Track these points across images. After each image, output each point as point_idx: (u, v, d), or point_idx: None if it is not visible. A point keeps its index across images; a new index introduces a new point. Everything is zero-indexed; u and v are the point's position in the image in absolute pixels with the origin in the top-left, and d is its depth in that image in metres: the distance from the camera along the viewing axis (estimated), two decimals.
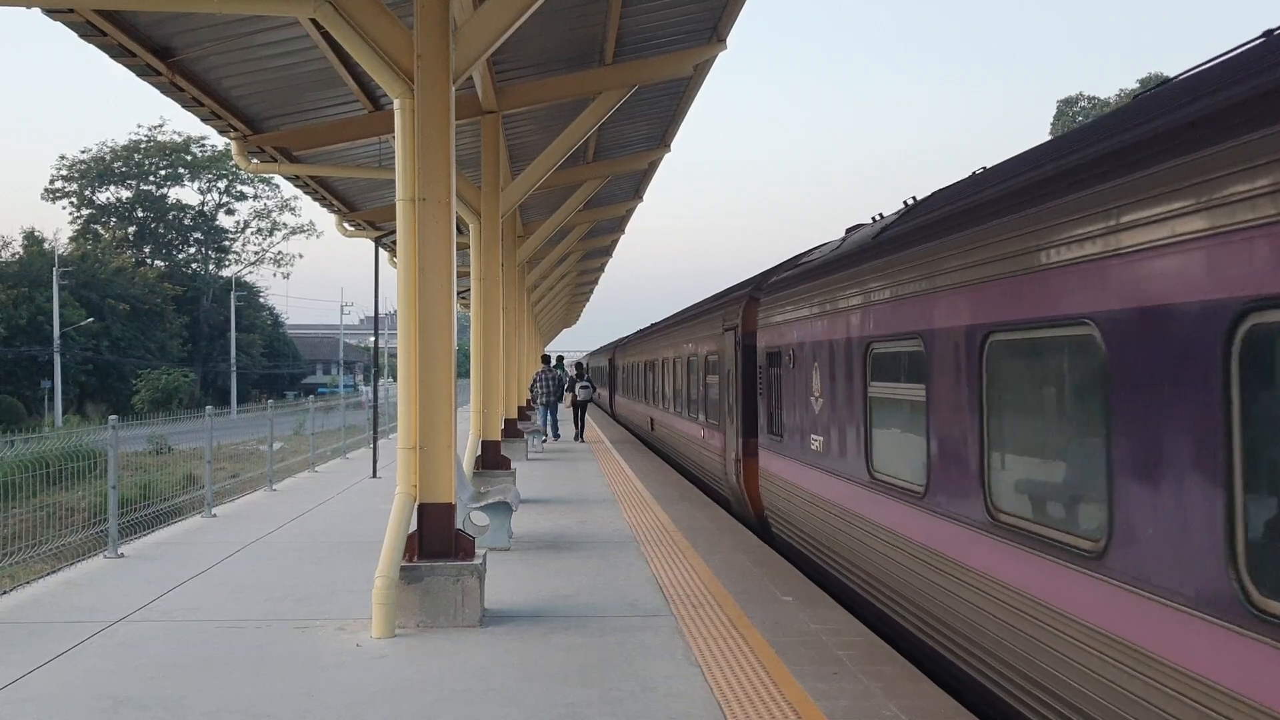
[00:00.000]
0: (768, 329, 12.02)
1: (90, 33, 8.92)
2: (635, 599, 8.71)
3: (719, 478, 15.27)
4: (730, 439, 13.99)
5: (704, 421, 16.59)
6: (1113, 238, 4.67)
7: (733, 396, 13.71)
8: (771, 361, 11.78)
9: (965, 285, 6.34)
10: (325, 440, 23.25)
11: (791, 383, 10.72)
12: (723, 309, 15.12)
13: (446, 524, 8.01)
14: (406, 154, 8.00)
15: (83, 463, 12.19)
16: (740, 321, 13.30)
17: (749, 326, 13.04)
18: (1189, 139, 4.18)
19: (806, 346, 10.14)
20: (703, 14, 13.71)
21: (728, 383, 14.22)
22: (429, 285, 7.98)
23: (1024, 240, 5.56)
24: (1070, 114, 69.36)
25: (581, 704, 6.05)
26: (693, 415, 18.14)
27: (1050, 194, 5.30)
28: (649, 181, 25.47)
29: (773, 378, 11.80)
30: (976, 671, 6.15)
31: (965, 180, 7.51)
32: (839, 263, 9.30)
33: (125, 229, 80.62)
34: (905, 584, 7.35)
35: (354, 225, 20.47)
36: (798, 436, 10.46)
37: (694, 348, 17.98)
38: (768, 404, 11.98)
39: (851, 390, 8.70)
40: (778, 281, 12.02)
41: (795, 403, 10.57)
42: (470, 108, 13.56)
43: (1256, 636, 3.68)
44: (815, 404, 9.75)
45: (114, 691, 6.35)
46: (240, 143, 13.16)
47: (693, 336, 18.22)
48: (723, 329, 14.63)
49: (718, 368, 15.18)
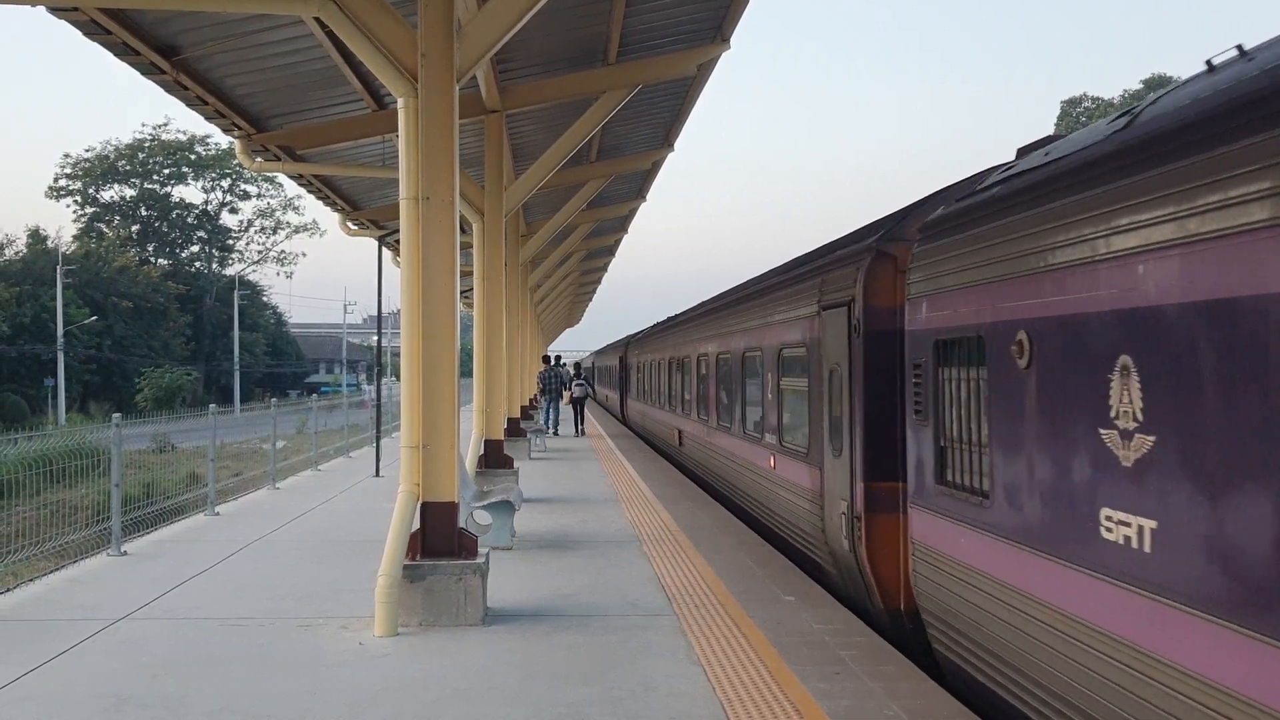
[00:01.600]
0: (935, 300, 6.80)
1: (95, 31, 8.93)
2: (637, 598, 8.71)
3: (808, 533, 9.94)
4: (835, 479, 8.84)
5: (777, 446, 11.33)
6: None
7: (843, 413, 8.54)
8: (945, 357, 6.74)
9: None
10: (328, 439, 23.28)
11: (1020, 397, 5.58)
12: (815, 277, 9.82)
13: (449, 523, 8.01)
14: (410, 153, 8.00)
15: (86, 461, 12.22)
16: (860, 292, 8.11)
17: (880, 299, 7.98)
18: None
19: (1093, 326, 4.88)
20: (706, 13, 13.70)
21: (829, 391, 9.01)
22: (432, 284, 7.98)
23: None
24: (1074, 114, 69.30)
25: (583, 703, 6.05)
26: (752, 435, 12.86)
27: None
28: (652, 181, 25.48)
29: (950, 387, 6.67)
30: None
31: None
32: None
33: (129, 227, 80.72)
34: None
35: (357, 224, 20.48)
36: (1032, 502, 5.48)
37: (755, 337, 12.66)
38: (934, 432, 6.83)
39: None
40: (957, 215, 6.72)
41: (1030, 436, 5.50)
42: (474, 107, 13.57)
43: None
44: (1122, 444, 4.62)
45: (116, 690, 6.36)
46: (244, 141, 13.16)
47: (753, 321, 12.89)
48: (817, 307, 9.50)
49: (803, 366, 10.18)
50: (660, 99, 17.46)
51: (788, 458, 10.88)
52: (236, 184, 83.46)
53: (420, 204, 7.96)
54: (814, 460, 9.66)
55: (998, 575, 5.82)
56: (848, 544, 8.41)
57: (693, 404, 18.36)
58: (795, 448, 10.59)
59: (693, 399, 18.37)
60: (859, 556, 8.18)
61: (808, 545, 10.16)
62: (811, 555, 10.04)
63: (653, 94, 16.47)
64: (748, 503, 13.37)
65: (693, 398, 18.37)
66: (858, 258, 8.47)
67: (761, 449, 12.25)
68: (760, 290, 13.05)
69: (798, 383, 10.51)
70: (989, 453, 5.96)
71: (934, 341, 6.87)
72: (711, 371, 16.15)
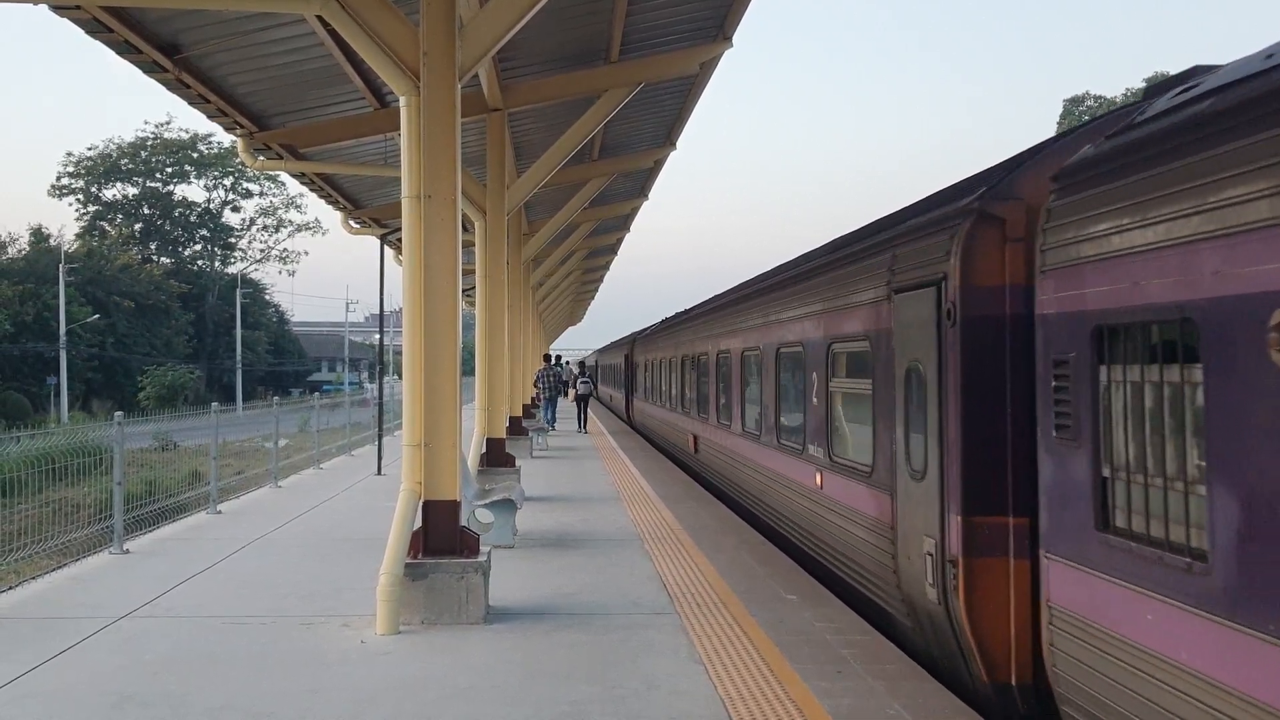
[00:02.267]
0: (1095, 270, 4.96)
1: (97, 29, 8.94)
2: (639, 597, 8.70)
3: (870, 573, 7.99)
4: (915, 509, 6.93)
5: (825, 461, 9.33)
6: None
7: (927, 424, 6.72)
8: (1115, 350, 4.88)
9: None
10: (330, 437, 23.29)
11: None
12: (882, 253, 7.87)
13: (451, 521, 8.01)
14: (412, 151, 8.00)
15: (88, 459, 12.22)
16: (956, 268, 6.27)
17: (983, 275, 6.16)
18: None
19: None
20: (708, 11, 13.70)
21: (905, 395, 7.18)
22: (434, 282, 7.98)
23: None
24: (1077, 113, 69.19)
25: (585, 702, 6.05)
26: (790, 445, 10.78)
27: None
28: (654, 180, 25.47)
29: (1125, 394, 4.80)
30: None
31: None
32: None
33: (131, 226, 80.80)
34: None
35: (359, 223, 20.48)
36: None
37: (793, 330, 10.64)
38: (1093, 455, 4.98)
39: None
40: (1130, 149, 4.86)
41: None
42: (476, 105, 13.56)
43: None
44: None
45: (118, 688, 6.36)
46: (246, 140, 13.17)
47: (790, 312, 10.84)
48: (886, 290, 7.57)
49: (864, 364, 8.28)
50: (662, 97, 17.45)
51: (841, 476, 8.82)
52: (239, 182, 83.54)
53: (422, 202, 7.96)
54: (880, 482, 7.67)
55: (1225, 680, 3.93)
56: (934, 594, 6.47)
57: (711, 407, 16.24)
58: (852, 465, 8.56)
59: (711, 401, 16.23)
60: (953, 612, 6.22)
61: (869, 586, 8.00)
62: (873, 599, 7.92)
63: (655, 92, 16.46)
64: (781, 523, 11.26)
65: (711, 400, 16.24)
66: (949, 224, 6.52)
67: (803, 463, 10.17)
68: (799, 276, 10.86)
69: (856, 385, 8.59)
70: (1209, 493, 4.07)
71: (1093, 329, 4.94)
72: (735, 370, 14.06)
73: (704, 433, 17.14)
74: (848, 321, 8.76)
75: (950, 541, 6.26)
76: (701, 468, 17.56)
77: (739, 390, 13.87)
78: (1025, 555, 5.89)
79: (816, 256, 10.77)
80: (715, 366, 15.87)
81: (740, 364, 13.72)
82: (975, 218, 6.27)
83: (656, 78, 14.85)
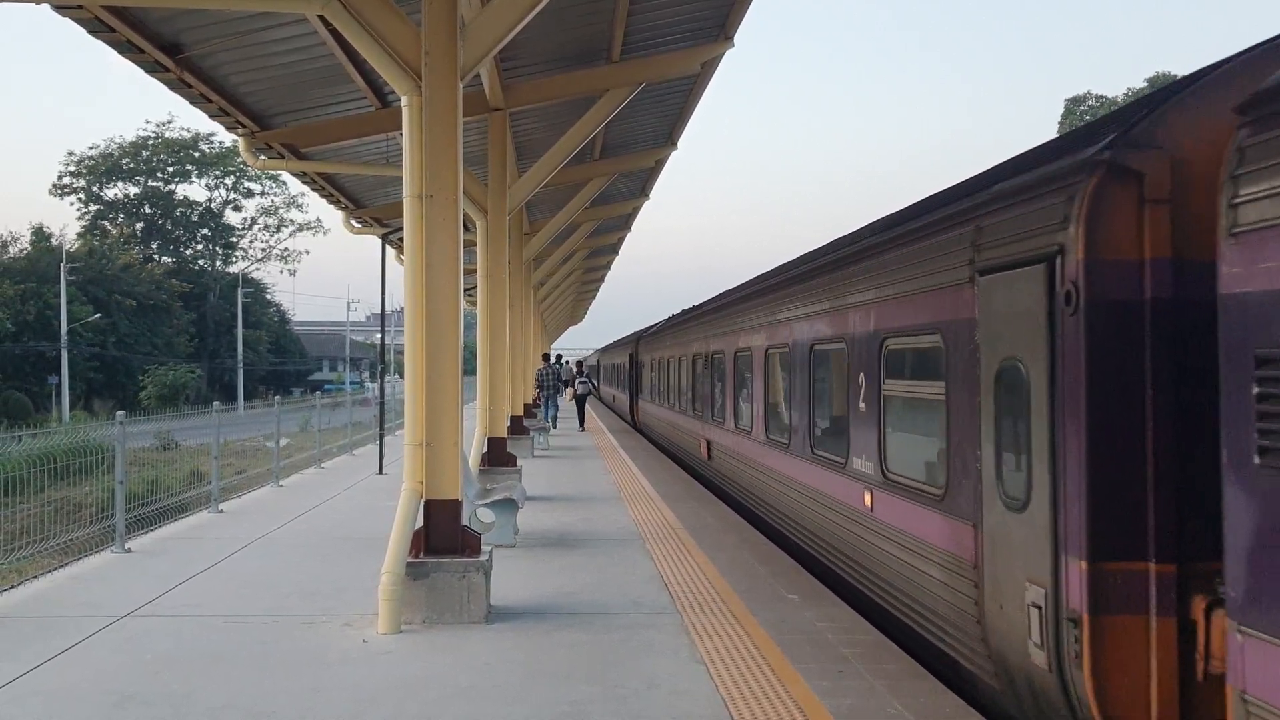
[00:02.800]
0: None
1: (99, 29, 8.95)
2: (640, 596, 8.71)
3: (943, 618, 6.56)
4: (1012, 545, 5.60)
5: (877, 479, 7.89)
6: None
7: (1030, 439, 5.44)
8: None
9: None
10: (331, 437, 23.30)
11: None
12: (962, 224, 6.46)
13: (452, 521, 8.02)
14: (414, 151, 8.00)
15: (90, 458, 12.23)
16: (1079, 237, 4.97)
17: (1116, 248, 4.91)
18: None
19: None
20: (710, 11, 13.70)
21: (997, 402, 5.84)
22: (436, 282, 7.99)
23: None
24: (1078, 113, 69.17)
25: (586, 701, 6.05)
26: (829, 457, 9.34)
27: None
28: (655, 179, 25.47)
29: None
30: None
31: None
32: None
33: (133, 225, 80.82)
34: None
35: (361, 222, 20.49)
36: None
37: (833, 323, 9.22)
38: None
39: None
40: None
41: None
42: (477, 105, 13.56)
43: None
44: None
45: (120, 687, 6.37)
46: (248, 139, 13.18)
47: (829, 302, 9.38)
48: (969, 271, 6.20)
49: (933, 362, 6.89)
50: (664, 97, 17.45)
51: (899, 498, 7.39)
52: (240, 182, 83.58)
53: (424, 202, 7.96)
54: (959, 509, 6.27)
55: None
56: (1043, 658, 5.14)
57: (727, 409, 14.68)
58: (914, 485, 7.17)
59: (727, 403, 14.70)
60: (1072, 684, 4.94)
61: (939, 635, 6.63)
62: (944, 649, 6.60)
63: (656, 92, 16.46)
64: (816, 545, 9.78)
65: (727, 402, 14.70)
66: (1066, 182, 5.15)
67: (847, 480, 8.66)
68: (840, 261, 9.26)
69: (920, 387, 7.29)
70: None
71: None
72: (758, 369, 12.52)
73: (718, 438, 15.62)
74: (909, 311, 7.30)
75: (1069, 592, 4.93)
76: (714, 474, 16.21)
77: (762, 392, 12.41)
78: (1171, 613, 4.64)
79: (862, 237, 9.05)
80: (733, 365, 14.37)
81: (764, 363, 12.25)
82: (1104, 172, 4.91)
83: (658, 77, 14.84)
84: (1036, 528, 5.27)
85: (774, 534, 11.61)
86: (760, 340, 12.55)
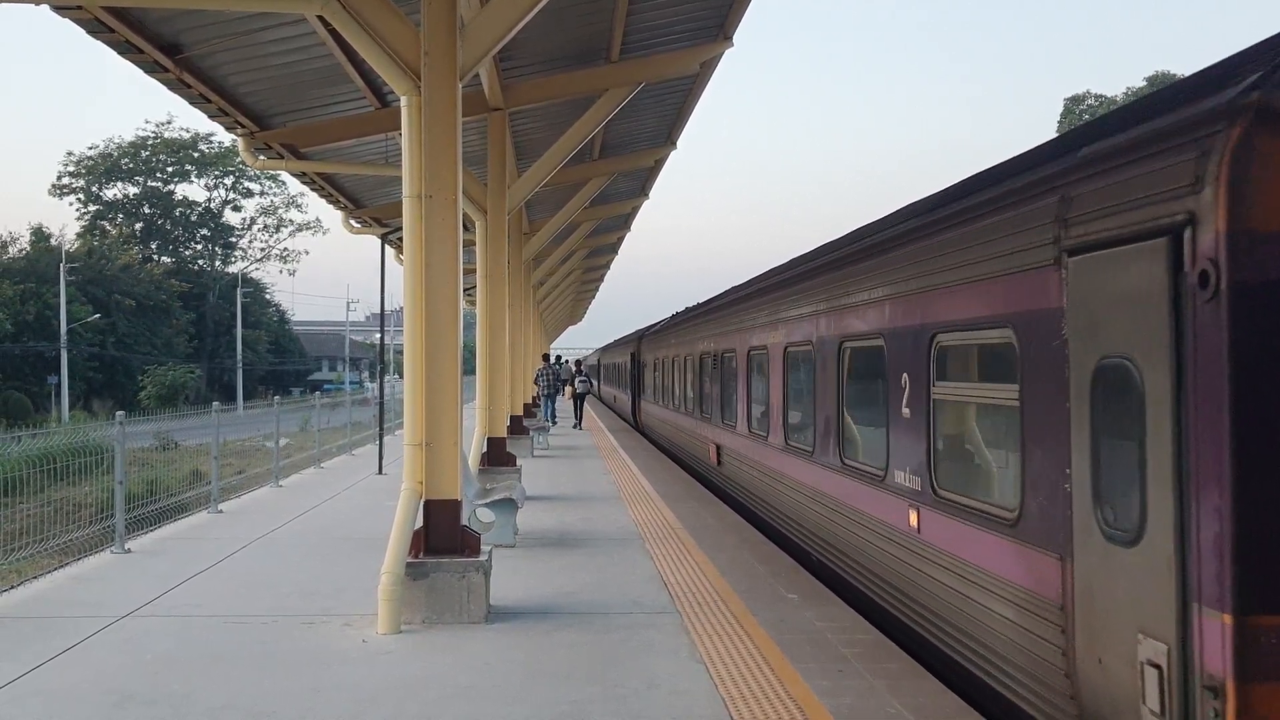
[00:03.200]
0: None
1: (98, 29, 8.95)
2: (640, 596, 8.71)
3: (1018, 667, 5.50)
4: (1114, 588, 4.56)
5: (925, 495, 6.87)
6: None
7: (1145, 458, 4.36)
8: None
9: None
10: (331, 437, 23.30)
11: None
12: (1042, 194, 5.34)
13: (452, 521, 8.02)
14: (413, 151, 8.01)
15: (89, 458, 12.23)
16: (1221, 200, 3.95)
17: (1270, 216, 3.91)
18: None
19: None
20: (709, 11, 13.70)
21: (1094, 410, 4.79)
22: (435, 282, 7.99)
23: None
24: (1078, 112, 69.20)
25: (586, 701, 6.06)
26: (862, 468, 8.36)
27: None
28: (655, 179, 25.48)
29: None
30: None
31: None
32: None
33: (132, 225, 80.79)
34: None
35: (360, 222, 20.50)
36: None
37: (871, 316, 8.10)
38: None
39: None
40: None
41: None
42: (477, 105, 13.56)
43: None
44: None
45: (120, 687, 6.37)
46: (247, 139, 13.18)
47: (868, 293, 8.17)
48: (1055, 250, 5.13)
49: (1002, 360, 5.88)
50: (663, 96, 17.46)
51: (956, 520, 6.31)
52: (239, 182, 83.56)
53: (423, 202, 7.96)
54: (1039, 537, 5.26)
55: None
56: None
57: (739, 412, 13.54)
58: (976, 506, 6.10)
59: (739, 405, 13.54)
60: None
61: (1011, 684, 5.58)
62: (1018, 700, 5.54)
63: (655, 92, 16.47)
64: (844, 564, 8.76)
65: (739, 404, 13.55)
66: (1198, 132, 4.16)
67: (886, 494, 7.58)
68: (875, 248, 8.12)
69: (983, 391, 6.39)
70: None
71: None
72: (777, 369, 11.41)
73: (729, 443, 14.52)
74: (968, 302, 6.21)
75: (1204, 652, 3.96)
76: (725, 481, 15.15)
77: (781, 394, 11.28)
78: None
79: (906, 218, 7.83)
80: (746, 364, 13.19)
81: (784, 361, 11.18)
82: (1252, 118, 3.92)
83: (657, 77, 14.85)
84: (1155, 567, 4.23)
85: (790, 546, 10.77)
86: (779, 337, 11.47)
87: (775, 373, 11.59)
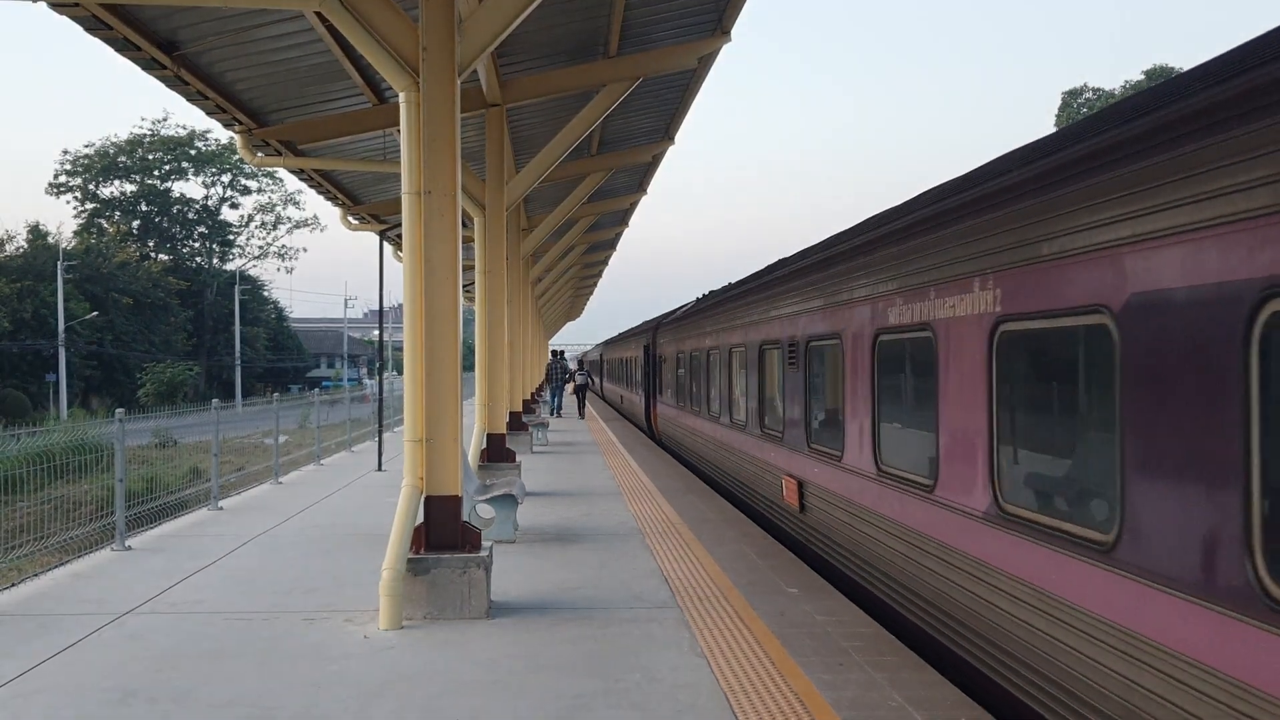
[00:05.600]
0: None
1: (96, 26, 8.94)
2: (641, 591, 8.72)
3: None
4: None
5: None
6: None
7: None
8: None
9: None
10: (330, 433, 23.29)
11: None
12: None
13: (453, 516, 8.03)
14: (412, 147, 8.00)
15: (89, 456, 12.23)
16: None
17: None
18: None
19: None
20: (707, 5, 13.69)
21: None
22: (434, 278, 7.99)
23: None
24: (1075, 105, 69.24)
25: (588, 695, 6.07)
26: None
27: None
28: (653, 174, 25.48)
29: None
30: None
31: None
32: None
33: (129, 223, 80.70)
34: None
35: (359, 219, 20.47)
36: None
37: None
38: None
39: None
40: None
41: None
42: (475, 100, 13.56)
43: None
44: None
45: (123, 683, 6.38)
46: (245, 136, 13.16)
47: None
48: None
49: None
50: (661, 91, 17.45)
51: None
52: (237, 179, 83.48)
53: (422, 198, 7.96)
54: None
55: None
56: None
57: (854, 434, 8.52)
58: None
59: (851, 424, 8.58)
60: None
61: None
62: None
63: (654, 87, 16.47)
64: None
65: (852, 421, 8.57)
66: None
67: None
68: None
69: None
70: None
71: None
72: (953, 360, 6.48)
73: (825, 480, 9.41)
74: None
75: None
76: (812, 536, 9.97)
77: (955, 402, 6.47)
78: None
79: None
80: (872, 354, 8.09)
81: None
82: None
83: (655, 72, 14.85)
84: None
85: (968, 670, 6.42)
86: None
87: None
